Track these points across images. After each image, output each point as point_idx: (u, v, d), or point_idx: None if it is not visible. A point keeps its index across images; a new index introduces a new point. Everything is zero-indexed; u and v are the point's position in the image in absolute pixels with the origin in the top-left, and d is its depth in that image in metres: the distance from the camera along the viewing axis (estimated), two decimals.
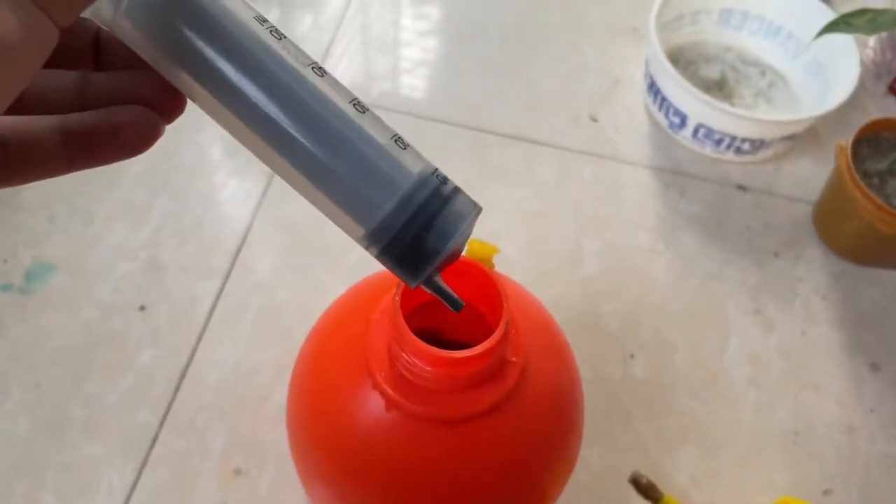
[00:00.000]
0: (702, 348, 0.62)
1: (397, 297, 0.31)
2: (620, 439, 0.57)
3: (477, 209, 0.23)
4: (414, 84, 0.78)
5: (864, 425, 0.59)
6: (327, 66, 0.76)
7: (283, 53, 0.21)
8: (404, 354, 0.32)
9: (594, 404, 0.58)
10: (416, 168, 0.22)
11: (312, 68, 0.21)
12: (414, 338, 0.30)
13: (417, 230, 0.21)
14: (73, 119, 0.21)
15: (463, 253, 0.35)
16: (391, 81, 0.77)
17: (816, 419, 0.59)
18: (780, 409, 0.59)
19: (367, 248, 0.22)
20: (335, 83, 0.22)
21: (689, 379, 0.60)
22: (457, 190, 0.22)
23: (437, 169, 0.22)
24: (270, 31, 0.21)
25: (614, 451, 0.56)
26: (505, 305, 0.31)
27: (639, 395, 0.59)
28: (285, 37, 0.22)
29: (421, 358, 0.31)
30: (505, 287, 0.32)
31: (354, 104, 0.22)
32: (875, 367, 0.61)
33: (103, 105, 0.22)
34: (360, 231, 0.22)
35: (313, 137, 0.21)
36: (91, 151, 0.21)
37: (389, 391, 0.33)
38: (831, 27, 0.57)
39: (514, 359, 0.34)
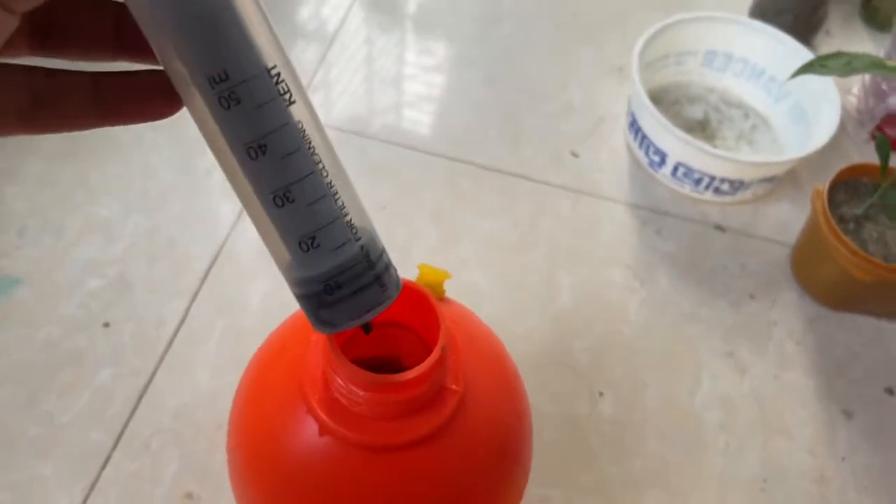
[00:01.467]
0: (672, 389, 0.60)
1: None
2: (585, 480, 0.56)
3: (399, 290, 0.24)
4: (413, 117, 0.78)
5: (835, 475, 0.57)
6: (333, 96, 0.77)
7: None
8: (337, 378, 0.31)
9: (559, 442, 0.57)
10: (359, 242, 0.23)
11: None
12: (346, 360, 0.30)
13: (341, 296, 0.23)
14: (108, 75, 0.21)
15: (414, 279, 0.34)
16: (394, 114, 0.78)
17: (787, 466, 0.57)
18: (749, 455, 0.58)
19: (289, 285, 0.23)
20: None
21: (658, 420, 0.59)
22: (388, 267, 0.24)
23: (384, 250, 0.24)
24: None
25: (578, 491, 0.55)
26: (441, 329, 0.30)
27: (605, 434, 0.58)
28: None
29: (353, 381, 0.30)
30: (443, 311, 0.31)
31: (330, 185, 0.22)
32: (848, 414, 0.60)
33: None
34: (290, 273, 0.23)
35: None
36: (122, 109, 0.22)
37: (323, 416, 0.32)
38: (806, 68, 0.57)
39: (453, 386, 0.33)
